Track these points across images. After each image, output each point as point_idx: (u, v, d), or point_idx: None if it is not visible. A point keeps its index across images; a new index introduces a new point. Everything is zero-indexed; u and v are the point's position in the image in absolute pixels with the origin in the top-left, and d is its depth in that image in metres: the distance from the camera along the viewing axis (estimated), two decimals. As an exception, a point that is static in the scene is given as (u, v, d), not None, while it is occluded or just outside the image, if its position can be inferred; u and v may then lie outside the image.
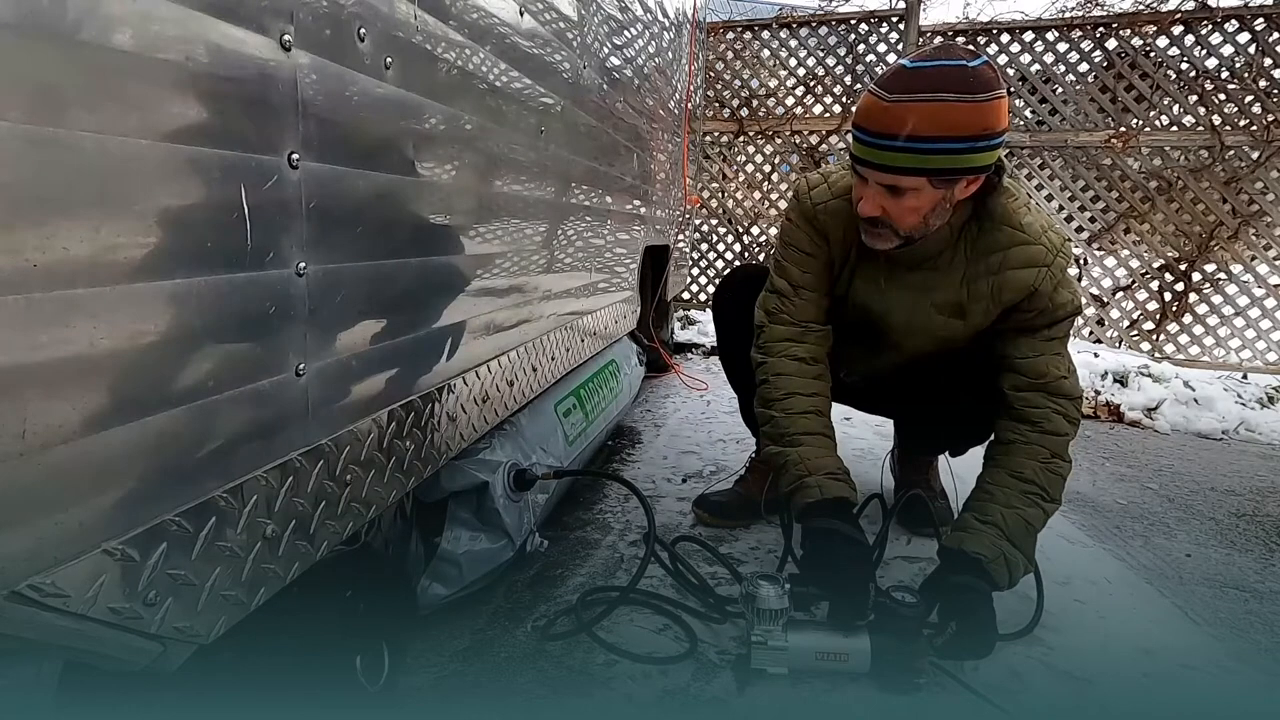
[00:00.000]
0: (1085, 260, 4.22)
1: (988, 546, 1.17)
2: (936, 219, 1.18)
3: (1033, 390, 1.26)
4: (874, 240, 1.22)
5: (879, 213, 1.16)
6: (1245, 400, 3.28)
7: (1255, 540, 1.84)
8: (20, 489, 0.51)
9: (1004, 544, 1.18)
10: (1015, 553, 1.18)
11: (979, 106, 1.04)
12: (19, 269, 0.49)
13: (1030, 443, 1.24)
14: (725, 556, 1.49)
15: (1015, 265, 1.23)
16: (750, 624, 1.13)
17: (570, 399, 1.83)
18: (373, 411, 0.94)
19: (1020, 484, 1.22)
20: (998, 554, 1.17)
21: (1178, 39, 3.90)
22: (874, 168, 1.12)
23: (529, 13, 1.31)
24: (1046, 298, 1.24)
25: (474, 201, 1.18)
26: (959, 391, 1.41)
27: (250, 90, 0.68)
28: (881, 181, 1.13)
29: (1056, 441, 1.24)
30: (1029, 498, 1.21)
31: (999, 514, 1.20)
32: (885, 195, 1.14)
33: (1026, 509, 1.21)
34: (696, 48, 3.35)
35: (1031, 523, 1.21)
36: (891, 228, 1.18)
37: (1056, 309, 1.25)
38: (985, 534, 1.19)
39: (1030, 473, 1.22)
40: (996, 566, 1.16)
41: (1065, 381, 1.26)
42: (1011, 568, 1.17)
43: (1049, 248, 1.23)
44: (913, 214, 1.15)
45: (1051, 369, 1.26)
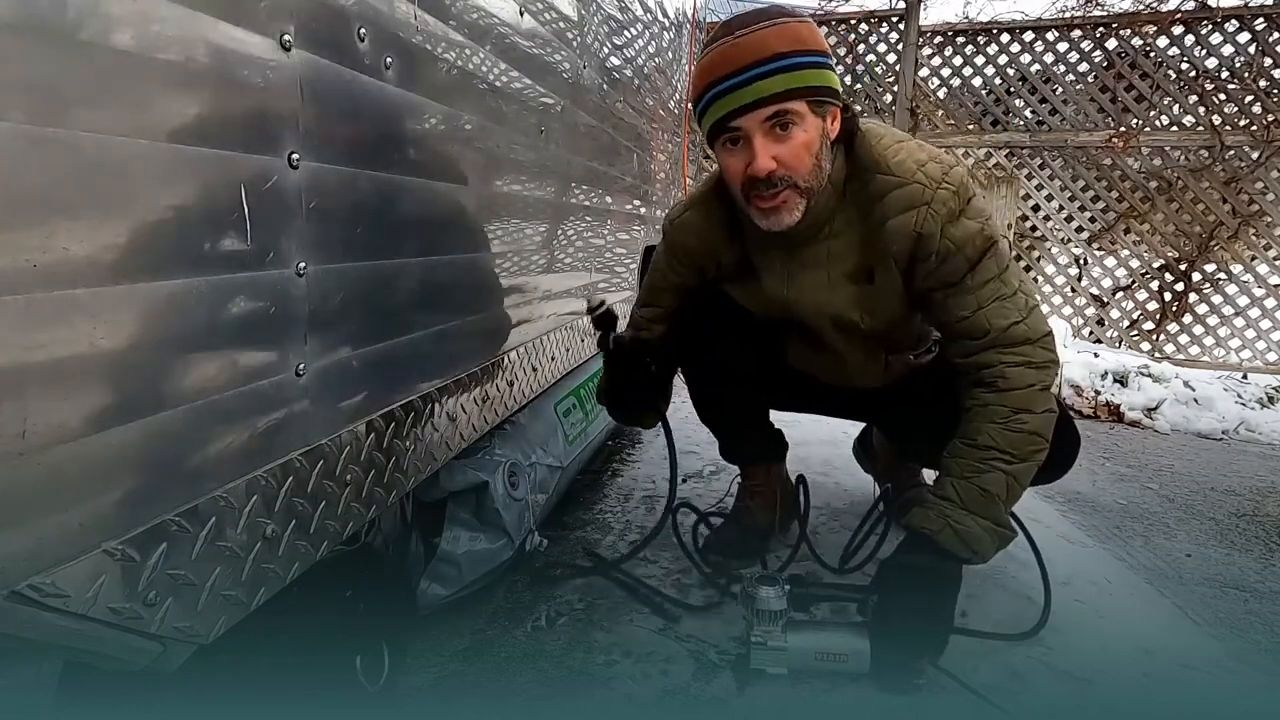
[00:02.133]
0: (1085, 260, 4.22)
1: (934, 520, 1.12)
2: (825, 161, 1.13)
3: (984, 350, 1.16)
4: (778, 215, 1.13)
5: (773, 165, 1.08)
6: (1245, 400, 3.28)
7: (1255, 540, 1.84)
8: (20, 489, 0.51)
9: (954, 513, 1.12)
10: (970, 521, 1.11)
11: (805, 26, 1.08)
12: (19, 269, 0.49)
13: (987, 404, 1.15)
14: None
15: (893, 212, 1.14)
16: (749, 624, 1.13)
17: (570, 399, 1.83)
18: (373, 412, 0.94)
19: (976, 451, 1.14)
20: (943, 525, 1.11)
21: (1178, 39, 3.90)
22: (751, 107, 1.05)
23: (529, 13, 1.31)
24: (940, 239, 1.13)
25: (474, 201, 1.18)
26: (940, 397, 1.30)
27: (250, 90, 0.68)
28: (765, 117, 1.06)
29: (1018, 396, 1.14)
30: (986, 464, 1.13)
31: (950, 486, 1.14)
32: (773, 140, 1.08)
33: (982, 475, 1.13)
34: (696, 48, 3.35)
35: (988, 488, 1.13)
36: (791, 183, 1.10)
37: (962, 247, 1.13)
38: (935, 507, 1.13)
39: (985, 437, 1.14)
40: (946, 538, 1.10)
41: (1019, 327, 1.15)
42: (967, 537, 1.11)
43: (925, 183, 1.12)
44: (805, 152, 1.09)
45: (995, 320, 1.15)
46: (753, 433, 1.58)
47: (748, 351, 1.41)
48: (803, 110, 1.07)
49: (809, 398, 1.57)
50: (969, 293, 1.15)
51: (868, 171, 1.16)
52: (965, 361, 1.18)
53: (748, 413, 1.56)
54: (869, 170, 1.16)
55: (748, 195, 1.13)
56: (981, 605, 1.35)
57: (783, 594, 1.12)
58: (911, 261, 1.17)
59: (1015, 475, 1.14)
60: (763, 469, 1.60)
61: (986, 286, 1.15)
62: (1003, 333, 1.14)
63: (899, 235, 1.14)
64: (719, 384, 1.48)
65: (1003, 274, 1.16)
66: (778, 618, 1.11)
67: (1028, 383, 1.14)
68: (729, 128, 1.09)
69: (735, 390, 1.49)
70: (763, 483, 1.59)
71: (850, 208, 1.20)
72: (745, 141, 1.09)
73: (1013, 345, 1.14)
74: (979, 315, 1.15)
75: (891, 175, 1.14)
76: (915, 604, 1.10)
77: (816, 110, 1.09)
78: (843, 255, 1.22)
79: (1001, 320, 1.14)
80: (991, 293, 1.15)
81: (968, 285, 1.15)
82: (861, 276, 1.23)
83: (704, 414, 1.57)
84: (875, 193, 1.16)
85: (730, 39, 1.07)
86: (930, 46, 4.36)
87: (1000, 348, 1.14)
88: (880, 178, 1.15)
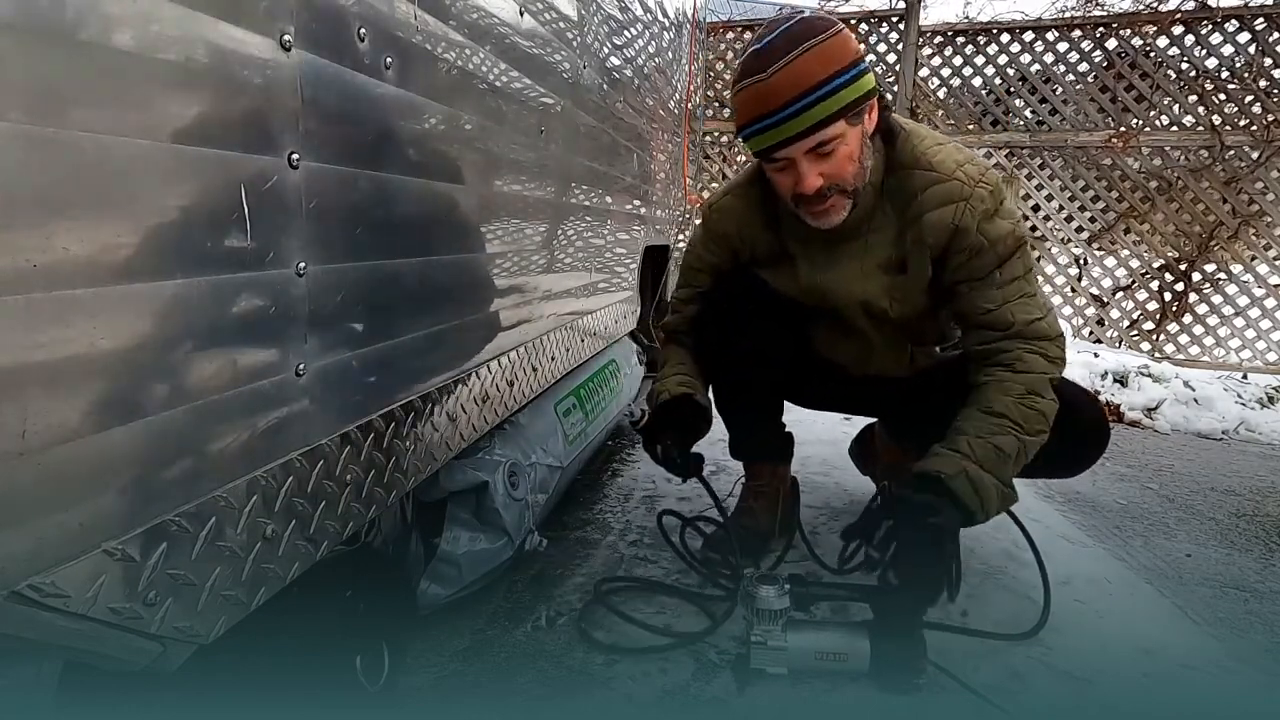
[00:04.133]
0: (1085, 260, 4.22)
1: (948, 464, 1.13)
2: (868, 158, 1.18)
3: (1004, 339, 1.20)
4: (828, 216, 1.19)
5: (820, 182, 1.14)
6: (1245, 400, 3.28)
7: (1255, 540, 1.84)
8: (20, 489, 0.51)
9: (969, 464, 1.12)
10: (982, 474, 1.12)
11: (834, 41, 1.10)
12: (19, 269, 0.49)
13: (1002, 380, 1.18)
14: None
15: (932, 206, 1.20)
16: (749, 624, 1.13)
17: (570, 399, 1.83)
18: (373, 411, 0.94)
19: (990, 417, 1.16)
20: (959, 470, 1.11)
21: (1178, 39, 3.90)
22: (795, 139, 1.11)
23: (529, 13, 1.31)
24: (974, 234, 1.18)
25: (474, 201, 1.18)
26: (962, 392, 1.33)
27: (250, 90, 0.68)
28: (808, 148, 1.12)
29: (1032, 379, 1.18)
30: (1001, 428, 1.15)
31: (965, 443, 1.15)
32: (818, 161, 1.13)
33: (996, 437, 1.15)
34: (696, 48, 3.35)
35: (1003, 449, 1.14)
36: (839, 189, 1.16)
37: (995, 244, 1.19)
38: (948, 457, 1.14)
39: (1001, 407, 1.16)
40: (959, 483, 1.11)
41: (1040, 323, 1.20)
42: (979, 488, 1.11)
43: (965, 180, 1.18)
44: (849, 162, 1.15)
45: (1019, 315, 1.19)
46: (766, 427, 1.60)
47: (777, 334, 1.44)
48: (841, 129, 1.12)
49: (832, 388, 1.59)
50: (996, 287, 1.21)
51: (906, 168, 1.22)
52: (983, 348, 1.23)
53: (766, 404, 1.58)
54: (908, 167, 1.22)
55: (797, 203, 1.19)
56: (981, 605, 1.35)
57: (783, 593, 1.12)
58: (945, 254, 1.22)
59: (1024, 445, 1.17)
60: (769, 468, 1.61)
61: (1013, 284, 1.21)
62: (1026, 326, 1.20)
63: (937, 228, 1.20)
64: (746, 366, 1.49)
65: (1027, 274, 1.23)
66: (778, 617, 1.11)
67: (1041, 369, 1.19)
68: (774, 157, 1.15)
69: (759, 377, 1.50)
70: (767, 483, 1.60)
71: (888, 203, 1.25)
72: (790, 165, 1.15)
73: (1035, 337, 1.19)
74: (1004, 309, 1.20)
75: (932, 171, 1.20)
76: (922, 542, 1.07)
77: (854, 121, 1.13)
78: (879, 247, 1.28)
79: (1025, 315, 1.20)
80: (1017, 290, 1.21)
81: (996, 280, 1.21)
82: (894, 267, 1.28)
83: (723, 402, 1.60)
84: (915, 188, 1.21)
85: (764, 78, 1.10)
86: (930, 46, 4.36)
87: (1024, 339, 1.19)
88: (920, 173, 1.21)
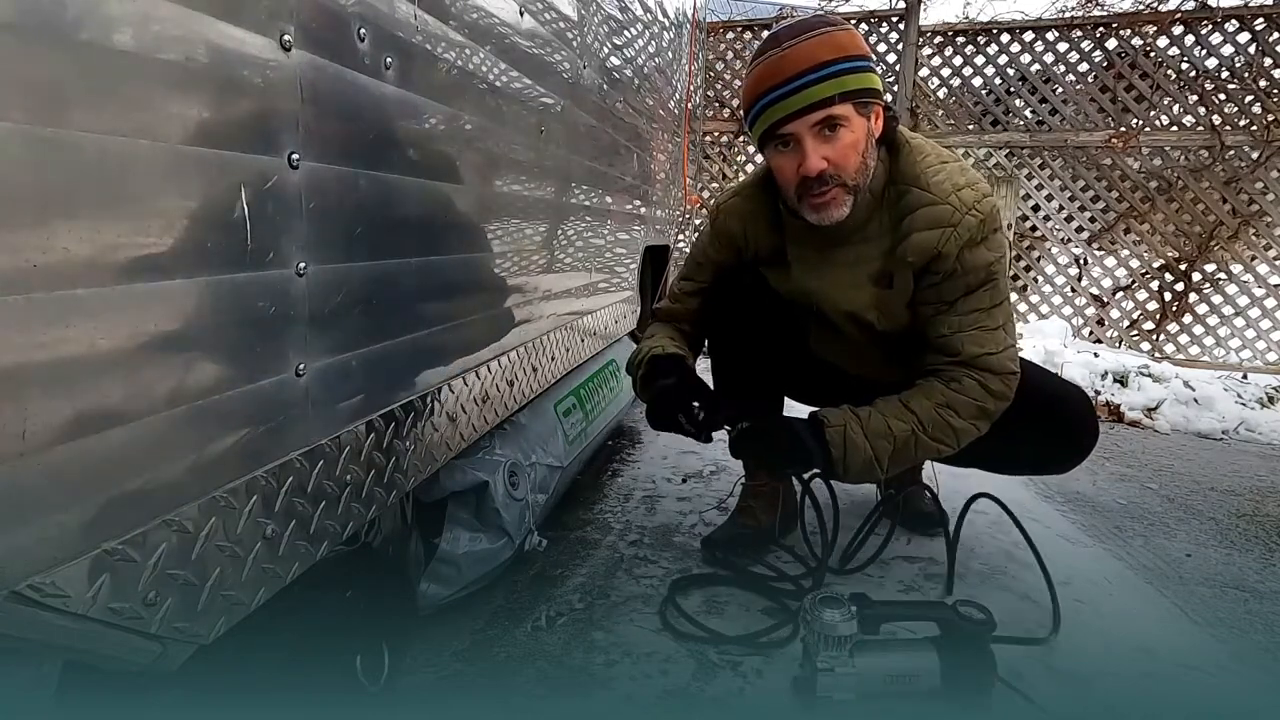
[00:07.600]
0: (1085, 260, 4.22)
1: (837, 416, 1.24)
2: (870, 159, 1.20)
3: (952, 365, 1.24)
4: (828, 209, 1.18)
5: (824, 164, 1.14)
6: (1245, 400, 3.28)
7: (1255, 540, 1.84)
8: (20, 489, 0.51)
9: (854, 424, 1.23)
10: (860, 438, 1.22)
11: (848, 33, 1.15)
12: (19, 269, 0.49)
13: (931, 388, 1.24)
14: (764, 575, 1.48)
15: (920, 226, 1.20)
16: (813, 648, 1.06)
17: (570, 399, 1.84)
18: (373, 411, 0.94)
19: (901, 406, 1.24)
20: (842, 423, 1.23)
21: (1178, 39, 3.90)
22: (801, 113, 1.13)
23: (529, 13, 1.31)
24: (952, 260, 1.20)
25: (474, 201, 1.18)
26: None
27: (250, 90, 0.68)
28: (814, 122, 1.13)
29: (958, 399, 1.22)
30: (903, 416, 1.23)
31: (866, 410, 1.25)
32: (822, 142, 1.14)
33: (894, 420, 1.22)
34: (696, 48, 3.35)
35: (894, 432, 1.22)
36: (840, 181, 1.17)
37: (967, 273, 1.21)
38: (843, 412, 1.25)
39: (915, 404, 1.23)
40: (834, 432, 1.23)
41: (990, 358, 1.22)
42: (850, 445, 1.22)
43: (956, 207, 1.19)
44: (853, 151, 1.16)
45: (969, 346, 1.22)
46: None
47: (776, 328, 1.45)
48: (849, 113, 1.14)
49: (829, 386, 1.59)
50: (956, 315, 1.24)
51: (906, 184, 1.23)
52: (931, 369, 1.27)
53: (768, 399, 1.57)
54: (907, 183, 1.23)
55: (800, 194, 1.19)
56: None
57: (849, 617, 1.04)
58: (921, 274, 1.24)
59: (916, 443, 1.23)
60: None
61: (973, 315, 1.23)
62: (974, 358, 1.23)
63: (921, 249, 1.21)
64: (746, 360, 1.49)
65: (992, 308, 1.24)
66: (845, 643, 1.04)
67: (974, 396, 1.22)
68: (780, 134, 1.16)
69: (759, 371, 1.51)
70: (766, 483, 1.60)
71: (885, 215, 1.26)
72: (796, 144, 1.16)
73: (983, 369, 1.23)
74: (957, 337, 1.23)
75: (927, 192, 1.21)
76: (771, 449, 1.28)
77: (861, 111, 1.16)
78: (870, 259, 1.29)
79: (976, 348, 1.23)
80: (974, 321, 1.23)
81: (958, 309, 1.24)
82: (883, 280, 1.30)
83: (726, 396, 1.60)
84: (909, 205, 1.23)
85: (778, 51, 1.14)
86: (930, 46, 4.36)
87: (966, 367, 1.23)
88: (917, 192, 1.22)
